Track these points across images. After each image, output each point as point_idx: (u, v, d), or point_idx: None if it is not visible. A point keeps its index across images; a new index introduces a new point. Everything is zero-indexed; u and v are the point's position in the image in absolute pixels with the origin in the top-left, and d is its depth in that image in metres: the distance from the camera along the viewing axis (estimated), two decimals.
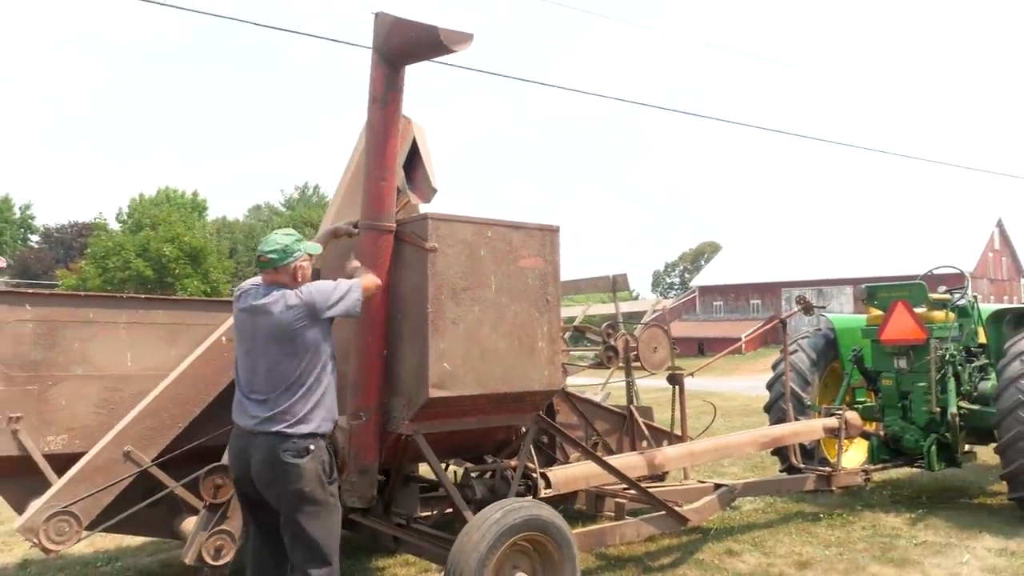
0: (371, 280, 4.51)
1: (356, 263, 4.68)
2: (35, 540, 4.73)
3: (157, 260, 43.80)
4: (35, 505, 4.81)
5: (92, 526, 4.98)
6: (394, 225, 4.74)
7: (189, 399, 5.33)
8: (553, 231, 5.20)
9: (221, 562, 5.03)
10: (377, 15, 4.54)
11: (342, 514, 5.70)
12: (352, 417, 4.76)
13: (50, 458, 5.09)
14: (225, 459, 5.15)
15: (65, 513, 4.78)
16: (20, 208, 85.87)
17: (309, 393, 4.09)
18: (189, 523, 5.26)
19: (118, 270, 42.95)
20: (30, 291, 5.41)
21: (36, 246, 73.00)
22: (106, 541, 7.15)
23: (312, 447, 4.07)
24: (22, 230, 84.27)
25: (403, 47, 4.48)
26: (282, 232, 4.31)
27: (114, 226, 57.66)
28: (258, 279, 4.35)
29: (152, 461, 5.14)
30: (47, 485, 4.94)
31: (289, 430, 4.01)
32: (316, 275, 5.43)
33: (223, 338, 5.47)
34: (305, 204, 79.11)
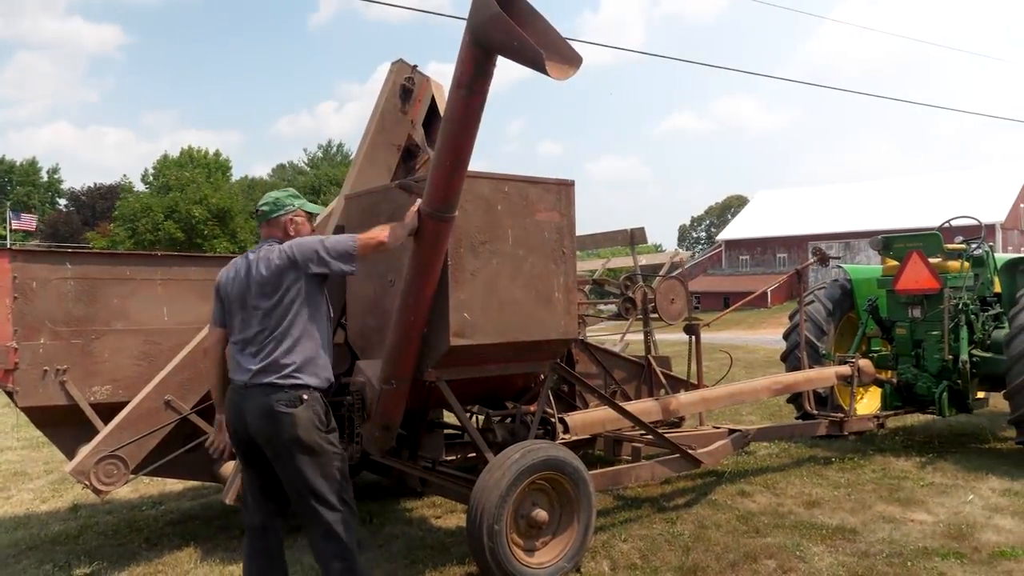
0: (373, 235, 4.22)
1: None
2: (86, 482, 5.05)
3: (187, 221, 44.18)
4: (85, 450, 5.13)
5: (138, 470, 5.29)
6: (455, 215, 4.47)
7: None
8: (568, 185, 5.37)
9: None
10: None
11: (368, 459, 6.04)
12: (384, 382, 4.92)
13: (96, 407, 5.40)
14: None
15: (113, 457, 5.10)
16: (47, 172, 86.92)
17: (296, 346, 4.01)
18: (227, 467, 5.57)
19: (148, 232, 43.42)
20: (69, 250, 5.70)
21: (64, 209, 73.74)
22: (150, 487, 7.53)
23: (305, 396, 3.98)
24: (49, 193, 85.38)
25: (502, 43, 3.71)
26: (279, 190, 4.41)
27: (140, 187, 58.25)
28: None
29: (191, 409, 5.44)
30: (94, 432, 5.26)
31: (280, 381, 3.94)
32: (340, 231, 5.68)
33: None
34: (329, 163, 79.55)
